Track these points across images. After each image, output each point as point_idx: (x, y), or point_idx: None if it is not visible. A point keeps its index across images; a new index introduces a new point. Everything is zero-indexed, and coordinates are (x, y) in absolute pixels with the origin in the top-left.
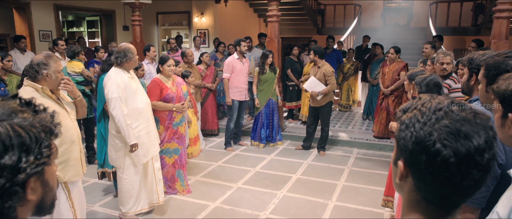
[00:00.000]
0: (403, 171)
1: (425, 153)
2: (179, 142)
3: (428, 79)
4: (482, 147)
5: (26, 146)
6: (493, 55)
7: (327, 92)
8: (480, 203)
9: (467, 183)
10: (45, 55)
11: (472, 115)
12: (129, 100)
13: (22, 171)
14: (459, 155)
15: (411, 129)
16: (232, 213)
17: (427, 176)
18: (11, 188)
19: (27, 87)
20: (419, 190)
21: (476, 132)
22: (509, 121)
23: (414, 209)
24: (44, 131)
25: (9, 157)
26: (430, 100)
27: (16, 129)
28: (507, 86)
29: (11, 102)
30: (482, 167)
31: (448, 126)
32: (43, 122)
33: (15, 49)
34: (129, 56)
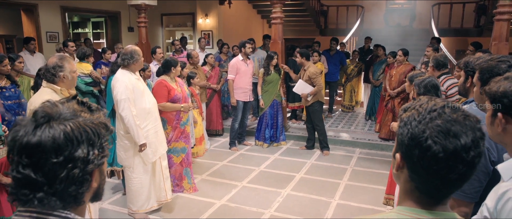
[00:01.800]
0: (399, 163)
1: (418, 148)
2: (185, 141)
3: (426, 81)
4: (469, 146)
5: (92, 140)
6: (487, 59)
7: (315, 93)
8: (473, 197)
9: (453, 176)
10: (58, 57)
11: (462, 117)
12: (137, 100)
13: (91, 162)
14: (447, 151)
15: (408, 126)
16: (238, 210)
17: (419, 169)
18: (83, 176)
19: (46, 88)
20: (412, 181)
21: (464, 132)
22: (498, 120)
23: (408, 197)
24: (102, 127)
25: (81, 150)
26: (427, 102)
27: (83, 126)
28: (497, 88)
29: (72, 103)
30: (467, 163)
31: (440, 126)
32: (100, 119)
33: (24, 50)
34: (135, 57)
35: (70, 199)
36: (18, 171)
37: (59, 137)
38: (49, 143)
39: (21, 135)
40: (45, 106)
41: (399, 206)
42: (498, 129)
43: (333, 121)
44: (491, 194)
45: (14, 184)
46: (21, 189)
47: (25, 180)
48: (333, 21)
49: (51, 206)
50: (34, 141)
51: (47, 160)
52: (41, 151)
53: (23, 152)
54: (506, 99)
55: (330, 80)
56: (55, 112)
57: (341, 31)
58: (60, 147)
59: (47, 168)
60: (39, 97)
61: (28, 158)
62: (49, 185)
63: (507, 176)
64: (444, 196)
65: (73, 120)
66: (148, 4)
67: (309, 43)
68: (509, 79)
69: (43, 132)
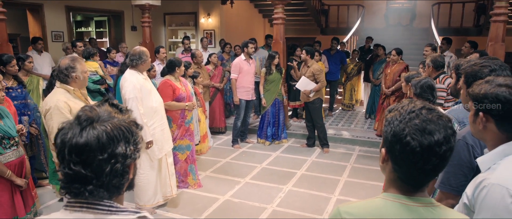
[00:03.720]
0: (384, 156)
1: (399, 143)
2: (190, 138)
3: (422, 82)
4: (441, 142)
5: (127, 138)
6: (471, 64)
7: (318, 89)
8: (460, 190)
9: (428, 167)
10: (70, 59)
11: (436, 117)
12: (145, 99)
13: (129, 157)
14: (423, 146)
15: (391, 125)
16: (241, 206)
17: (400, 161)
18: (123, 170)
19: (60, 88)
20: (395, 171)
21: (438, 130)
22: (479, 119)
23: (392, 185)
24: (133, 125)
25: (121, 147)
26: (408, 104)
27: (119, 126)
28: (479, 90)
29: (106, 106)
30: (440, 156)
31: (417, 125)
32: (130, 118)
33: (32, 50)
34: (143, 58)
35: (114, 190)
36: (70, 168)
37: (102, 136)
38: (94, 142)
39: (70, 137)
40: (86, 110)
41: (384, 193)
42: (479, 127)
43: (334, 120)
44: (470, 183)
45: (65, 179)
46: (73, 183)
47: (76, 175)
48: (334, 20)
49: (100, 197)
50: (82, 142)
51: (94, 157)
52: (88, 150)
53: (73, 151)
54: (486, 100)
55: (330, 79)
56: (95, 115)
57: (341, 30)
58: (104, 145)
59: (94, 164)
60: (54, 97)
61: (78, 157)
62: (97, 178)
63: (484, 168)
64: (422, 184)
65: (110, 121)
66: (152, 4)
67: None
68: (489, 82)
69: (88, 133)
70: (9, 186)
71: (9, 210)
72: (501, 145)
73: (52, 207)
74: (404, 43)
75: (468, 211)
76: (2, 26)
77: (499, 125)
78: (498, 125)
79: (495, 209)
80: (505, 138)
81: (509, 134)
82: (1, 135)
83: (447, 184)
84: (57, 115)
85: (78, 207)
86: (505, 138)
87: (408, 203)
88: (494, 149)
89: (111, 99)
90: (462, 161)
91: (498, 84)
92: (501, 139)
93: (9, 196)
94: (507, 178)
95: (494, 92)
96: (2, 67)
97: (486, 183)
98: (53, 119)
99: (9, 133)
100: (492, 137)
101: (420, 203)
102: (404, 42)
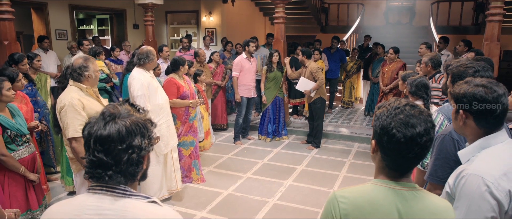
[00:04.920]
0: (374, 147)
1: (386, 135)
2: (194, 135)
3: (417, 81)
4: (422, 133)
5: (143, 133)
6: (457, 65)
7: (318, 88)
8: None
9: (411, 155)
10: (83, 58)
11: (418, 112)
12: (152, 97)
13: (143, 149)
14: (406, 137)
15: (380, 119)
16: (243, 199)
17: (387, 150)
18: (138, 159)
19: (73, 86)
20: (383, 160)
21: (419, 123)
22: (460, 116)
23: (381, 172)
24: (148, 123)
25: (137, 140)
26: (394, 102)
27: (136, 122)
28: (459, 90)
29: (126, 105)
30: (421, 146)
31: (401, 119)
32: (146, 117)
33: (39, 49)
34: (150, 57)
35: (129, 176)
36: (94, 155)
37: (122, 130)
38: (115, 134)
39: (96, 130)
40: (109, 108)
41: (374, 179)
42: (460, 123)
43: (333, 117)
44: (452, 174)
45: (89, 165)
46: (96, 169)
47: (99, 162)
48: (334, 18)
49: (117, 182)
50: (105, 134)
51: (115, 147)
52: (110, 141)
53: (97, 141)
54: (465, 99)
55: (330, 77)
56: (117, 112)
57: (341, 28)
58: (123, 138)
59: (114, 153)
60: (68, 95)
61: (101, 146)
62: (115, 165)
63: (464, 160)
64: (406, 171)
65: (129, 118)
66: (155, 3)
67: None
68: (468, 83)
69: (111, 127)
70: (23, 181)
71: (23, 203)
72: (478, 139)
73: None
74: (403, 41)
75: (450, 198)
76: (10, 25)
77: (477, 121)
78: (476, 121)
79: (472, 196)
80: (483, 133)
81: (486, 129)
82: (14, 132)
83: (435, 176)
84: (71, 112)
85: (99, 189)
86: (483, 133)
87: (394, 187)
88: (473, 143)
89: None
90: (449, 155)
91: (475, 84)
92: (479, 134)
93: (23, 190)
94: (483, 168)
95: (472, 91)
96: (14, 65)
97: (464, 173)
98: (67, 116)
99: (21, 130)
100: (471, 132)
101: (405, 187)
102: (403, 40)
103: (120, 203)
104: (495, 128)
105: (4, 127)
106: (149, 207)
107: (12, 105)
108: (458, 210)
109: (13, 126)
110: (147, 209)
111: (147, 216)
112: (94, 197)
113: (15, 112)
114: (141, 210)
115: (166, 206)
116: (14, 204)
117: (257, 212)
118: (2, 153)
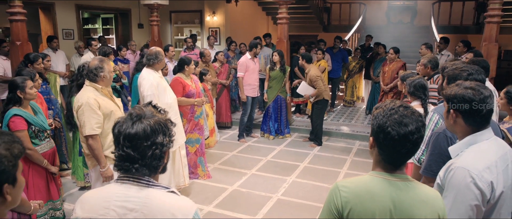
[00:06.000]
0: (372, 143)
1: (382, 133)
2: (199, 132)
3: (416, 82)
4: (413, 131)
5: (165, 131)
6: (453, 68)
7: (316, 95)
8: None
9: (404, 151)
10: (99, 60)
11: (410, 113)
12: (161, 96)
13: (165, 146)
14: (400, 135)
15: (377, 119)
16: (248, 195)
17: (383, 146)
18: (161, 155)
19: (89, 87)
20: (380, 154)
21: (411, 122)
22: (450, 115)
23: (377, 165)
24: (169, 122)
25: (160, 137)
26: (390, 103)
27: (159, 122)
28: (450, 92)
29: (150, 107)
30: (412, 142)
31: (396, 119)
32: (167, 117)
33: (48, 48)
34: (159, 58)
35: (152, 169)
36: (123, 150)
37: (147, 129)
38: (141, 132)
39: (125, 128)
40: (136, 109)
41: (372, 171)
42: (451, 122)
43: (335, 115)
44: (442, 168)
45: (118, 159)
46: (124, 162)
47: (127, 156)
48: (336, 17)
49: (143, 174)
50: (133, 132)
51: (141, 144)
52: (137, 138)
53: (126, 138)
54: (456, 100)
55: (332, 76)
56: (142, 113)
57: (344, 28)
58: (148, 135)
59: (140, 149)
60: (85, 94)
61: (129, 142)
62: (141, 159)
63: (454, 155)
64: (400, 164)
65: (153, 118)
66: (160, 3)
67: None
68: (458, 85)
69: (137, 126)
70: (45, 173)
71: (45, 194)
72: (467, 136)
73: (74, 195)
74: (405, 40)
75: (440, 189)
76: (22, 26)
77: (465, 120)
78: (465, 120)
79: (458, 186)
80: (471, 131)
81: (474, 128)
82: (37, 128)
83: (429, 170)
84: (88, 111)
85: (126, 180)
86: (471, 131)
87: (389, 179)
88: (462, 140)
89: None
90: (442, 151)
91: (465, 87)
92: (468, 131)
93: (45, 182)
94: (469, 162)
95: (461, 93)
96: (29, 65)
97: (453, 166)
98: (84, 114)
99: (44, 126)
100: (461, 130)
101: (398, 179)
102: (405, 39)
103: (145, 192)
104: (482, 127)
105: (29, 123)
106: (169, 196)
107: (33, 102)
108: (447, 199)
109: (37, 122)
110: (167, 197)
111: (167, 203)
112: (122, 186)
113: (37, 109)
114: (162, 198)
115: (183, 196)
116: (37, 195)
117: (262, 207)
118: (28, 147)
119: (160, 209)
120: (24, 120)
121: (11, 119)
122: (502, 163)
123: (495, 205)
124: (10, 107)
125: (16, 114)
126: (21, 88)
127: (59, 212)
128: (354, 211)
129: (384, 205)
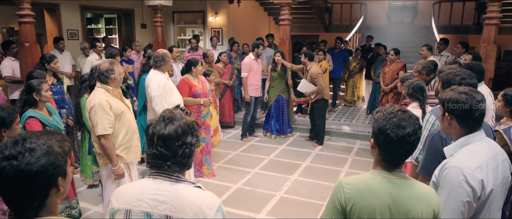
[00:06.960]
0: (373, 144)
1: (382, 135)
2: (206, 131)
3: (414, 84)
4: (411, 133)
5: (193, 132)
6: (447, 73)
7: (317, 92)
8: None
9: (402, 151)
10: (109, 62)
11: (408, 116)
12: (167, 97)
13: (193, 145)
14: (398, 137)
15: (377, 122)
16: (252, 193)
17: (383, 147)
18: (190, 153)
19: (100, 88)
20: (380, 154)
21: (408, 125)
22: (445, 117)
23: (378, 164)
24: (196, 124)
25: (189, 138)
26: (389, 108)
27: (187, 124)
28: (445, 96)
29: (178, 110)
30: (410, 143)
31: (395, 122)
32: (193, 119)
33: (54, 49)
34: (166, 60)
35: (182, 166)
36: (157, 149)
37: (178, 130)
38: (173, 133)
39: (158, 129)
40: (167, 112)
41: (372, 170)
42: (445, 124)
43: (336, 115)
44: (438, 167)
45: (151, 157)
46: (157, 160)
47: (160, 154)
48: (337, 17)
49: (173, 170)
50: (166, 133)
51: (173, 144)
52: (169, 138)
53: (159, 139)
54: (450, 103)
55: (334, 76)
56: (173, 115)
57: (345, 28)
58: (179, 136)
59: (172, 148)
60: (97, 96)
61: (163, 142)
62: (173, 157)
63: (448, 155)
64: (399, 163)
65: (182, 120)
66: (164, 4)
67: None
68: (453, 90)
69: (169, 127)
70: None
71: None
72: (461, 137)
73: (82, 193)
74: (406, 40)
75: (435, 187)
76: (31, 28)
77: (459, 122)
78: (459, 122)
79: (452, 184)
80: (464, 132)
81: (467, 129)
82: (52, 129)
83: (425, 169)
84: (100, 111)
85: (158, 175)
86: (464, 132)
87: (388, 176)
88: (456, 141)
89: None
90: (437, 151)
91: (459, 91)
92: (461, 133)
93: None
94: (462, 162)
95: (455, 97)
96: (46, 64)
97: (447, 165)
98: (97, 115)
99: (58, 127)
100: (455, 131)
101: (397, 177)
102: (406, 39)
103: (175, 187)
104: (474, 129)
105: (44, 124)
106: (196, 190)
107: (49, 104)
108: (441, 196)
109: (51, 123)
110: (194, 192)
111: (194, 197)
112: (154, 181)
113: (52, 111)
114: (190, 192)
115: (208, 191)
116: None
117: (266, 204)
118: None
119: (188, 202)
120: (39, 122)
121: (27, 121)
122: (492, 162)
123: (485, 201)
124: (26, 109)
125: (31, 116)
126: (37, 91)
127: (75, 211)
128: (356, 206)
129: (384, 201)
